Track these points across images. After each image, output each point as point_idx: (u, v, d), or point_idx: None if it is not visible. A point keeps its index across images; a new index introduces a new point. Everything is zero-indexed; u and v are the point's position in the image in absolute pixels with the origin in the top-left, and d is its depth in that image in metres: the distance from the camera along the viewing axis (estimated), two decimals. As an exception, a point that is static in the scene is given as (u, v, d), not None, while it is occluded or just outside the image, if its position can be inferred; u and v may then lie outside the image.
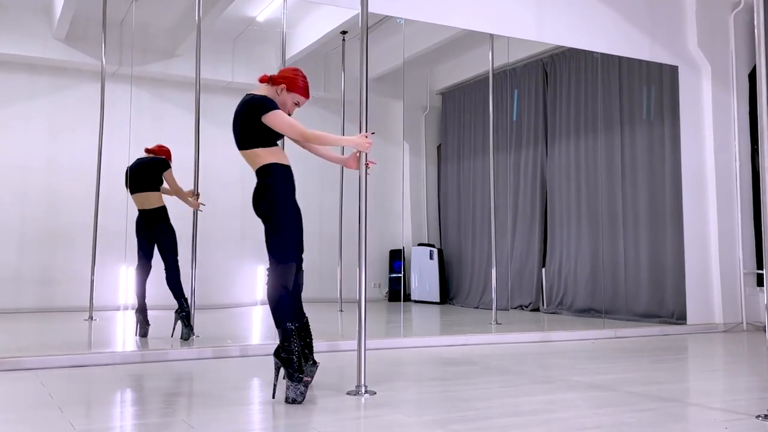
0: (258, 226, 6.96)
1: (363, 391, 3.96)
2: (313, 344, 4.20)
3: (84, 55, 7.43)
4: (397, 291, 9.37)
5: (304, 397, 3.73)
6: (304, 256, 4.27)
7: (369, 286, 4.24)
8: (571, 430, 3.12)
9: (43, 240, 7.26)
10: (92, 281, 6.80)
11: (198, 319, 6.29)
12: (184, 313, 6.21)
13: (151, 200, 6.44)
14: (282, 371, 3.81)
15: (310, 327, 4.20)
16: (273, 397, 3.83)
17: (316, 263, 8.40)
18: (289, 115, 4.28)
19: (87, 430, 3.08)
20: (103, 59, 7.15)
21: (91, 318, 6.77)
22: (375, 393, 3.98)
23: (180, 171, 6.74)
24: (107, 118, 6.94)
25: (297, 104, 4.36)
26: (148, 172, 6.48)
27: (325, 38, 7.91)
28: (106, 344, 6.02)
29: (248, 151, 4.19)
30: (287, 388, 3.73)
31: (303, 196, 4.46)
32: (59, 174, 7.37)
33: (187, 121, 6.72)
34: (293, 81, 4.29)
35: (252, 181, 6.71)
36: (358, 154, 4.31)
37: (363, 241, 4.19)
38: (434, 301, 9.81)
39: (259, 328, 7.32)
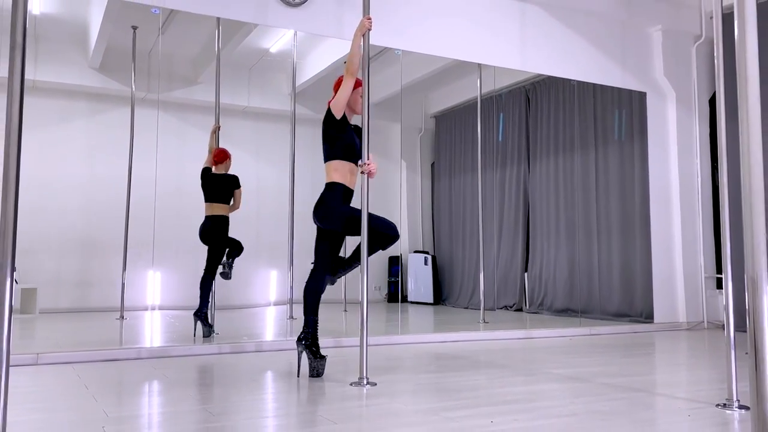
0: (271, 234, 6.95)
1: (365, 382, 3.97)
2: (319, 341, 4.36)
3: (116, 82, 7.45)
4: (395, 293, 9.38)
5: (323, 371, 4.22)
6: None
7: (370, 289, 4.26)
8: (550, 417, 3.13)
9: (80, 248, 7.27)
10: (123, 284, 6.81)
11: (218, 319, 6.30)
12: (202, 314, 6.23)
13: (218, 210, 6.50)
14: (305, 354, 4.29)
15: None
16: (298, 376, 4.25)
17: (323, 268, 8.41)
18: (361, 109, 4.47)
19: (119, 417, 3.09)
20: (133, 86, 7.18)
21: (122, 317, 6.77)
22: (375, 384, 3.98)
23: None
24: (136, 139, 6.96)
25: (362, 96, 4.49)
26: (221, 186, 6.54)
27: (332, 67, 7.92)
28: (135, 341, 6.01)
29: (325, 164, 4.43)
30: (311, 366, 4.20)
31: (311, 211, 4.48)
32: (94, 189, 7.39)
33: (207, 142, 6.74)
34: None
35: (261, 193, 6.73)
36: (361, 171, 4.34)
37: (365, 248, 4.20)
38: (428, 302, 9.81)
39: (272, 326, 7.32)
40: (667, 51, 8.14)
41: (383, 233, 4.30)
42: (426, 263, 9.71)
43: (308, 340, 4.24)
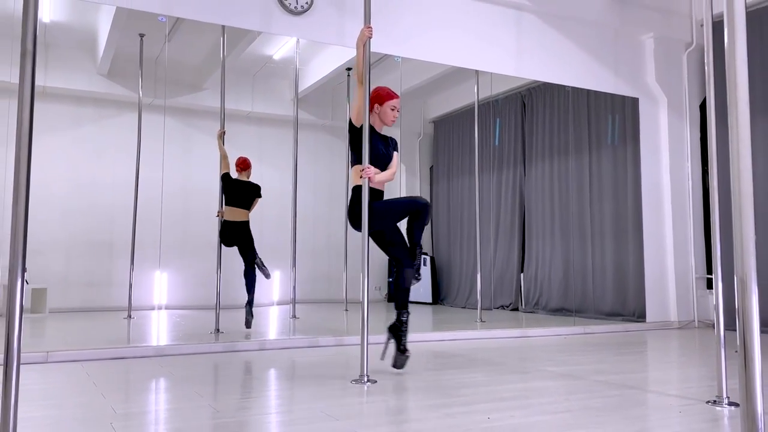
0: (275, 236, 6.95)
1: (366, 379, 3.97)
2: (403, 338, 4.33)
3: (123, 88, 7.47)
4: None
5: (403, 365, 4.27)
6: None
7: (371, 289, 4.24)
8: (546, 414, 3.13)
9: (89, 249, 7.28)
10: (130, 284, 6.81)
11: (223, 318, 6.30)
12: (248, 305, 6.49)
13: (239, 215, 6.57)
14: (391, 343, 4.31)
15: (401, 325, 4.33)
16: (382, 359, 4.31)
17: (325, 269, 8.43)
18: (393, 121, 4.48)
19: (126, 413, 3.09)
20: (140, 92, 7.18)
21: (130, 316, 6.77)
22: (376, 381, 3.98)
23: (208, 187, 6.77)
24: (143, 143, 6.96)
25: (394, 109, 4.47)
26: (245, 193, 6.62)
27: (333, 74, 7.93)
28: (142, 339, 6.01)
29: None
30: (395, 358, 4.27)
31: (314, 213, 4.48)
32: (102, 192, 7.40)
33: (213, 146, 6.74)
34: (377, 95, 4.46)
35: (265, 196, 6.72)
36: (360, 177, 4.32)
37: (365, 250, 4.20)
38: (427, 301, 9.81)
39: (275, 325, 7.32)
40: (658, 58, 8.14)
41: (413, 211, 4.26)
42: (425, 264, 9.70)
43: (394, 331, 4.29)
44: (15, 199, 2.05)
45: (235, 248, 6.59)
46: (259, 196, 6.70)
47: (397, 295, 4.35)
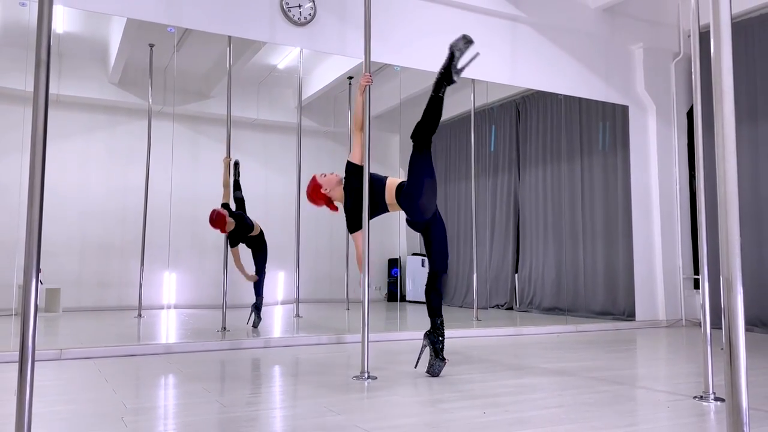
0: (279, 237, 6.93)
1: (366, 376, 3.97)
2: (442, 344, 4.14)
3: (134, 96, 7.46)
4: (395, 293, 9.37)
5: (439, 372, 4.03)
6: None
7: (371, 289, 4.24)
8: (539, 409, 3.13)
9: (101, 250, 7.27)
10: (141, 284, 6.81)
11: (229, 317, 6.30)
12: (255, 306, 6.61)
13: (255, 230, 6.78)
14: (427, 349, 4.13)
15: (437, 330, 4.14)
16: (415, 367, 4.19)
17: (327, 270, 8.42)
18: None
19: (136, 408, 3.09)
20: (150, 100, 7.19)
21: (140, 315, 6.77)
22: (376, 378, 3.98)
23: (214, 191, 6.77)
24: (153, 149, 6.96)
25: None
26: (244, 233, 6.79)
27: (335, 82, 7.93)
28: (152, 337, 6.01)
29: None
30: (431, 365, 4.04)
31: (317, 216, 4.47)
32: (114, 195, 7.39)
33: (220, 152, 6.75)
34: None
35: (270, 199, 6.72)
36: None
37: (366, 251, 4.20)
38: (425, 301, 9.79)
39: (279, 324, 7.32)
40: (647, 67, 8.15)
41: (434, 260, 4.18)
42: (423, 265, 9.69)
43: (430, 337, 4.11)
44: (30, 203, 2.05)
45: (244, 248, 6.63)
46: (251, 230, 6.81)
47: (431, 300, 4.19)
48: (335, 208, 4.39)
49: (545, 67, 7.56)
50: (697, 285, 8.10)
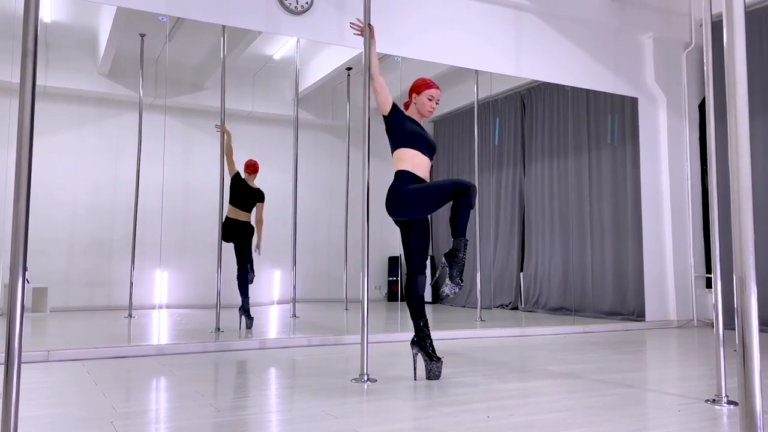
0: (275, 235, 6.93)
1: (365, 378, 3.97)
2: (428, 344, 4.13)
3: (124, 88, 7.46)
4: (395, 292, 9.37)
5: (439, 373, 4.03)
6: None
7: (370, 288, 4.24)
8: (545, 412, 3.13)
9: (90, 248, 7.28)
10: (131, 284, 6.82)
11: (223, 317, 6.30)
12: (243, 309, 6.55)
13: (242, 216, 6.67)
14: (419, 356, 4.17)
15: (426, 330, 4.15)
16: (415, 379, 4.05)
17: (325, 269, 8.42)
18: (431, 112, 4.33)
19: (127, 412, 3.09)
20: (141, 92, 7.18)
21: (130, 315, 6.77)
22: (376, 380, 3.98)
23: (207, 187, 6.77)
24: (144, 143, 6.96)
25: (431, 99, 4.32)
26: (249, 196, 6.69)
27: (333, 74, 7.93)
28: (143, 338, 6.01)
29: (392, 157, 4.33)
30: (428, 370, 4.03)
31: (314, 212, 4.47)
32: (103, 191, 7.40)
33: (213, 146, 6.74)
34: (414, 86, 4.36)
35: (266, 195, 6.72)
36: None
37: (365, 249, 4.20)
38: (427, 301, 9.77)
39: (275, 324, 7.32)
40: (658, 58, 8.14)
41: (457, 191, 3.93)
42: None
43: (418, 343, 4.09)
44: (16, 199, 2.05)
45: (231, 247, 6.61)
46: (261, 201, 6.72)
47: (410, 303, 4.17)
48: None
49: (551, 57, 7.56)
50: (709, 284, 8.11)
